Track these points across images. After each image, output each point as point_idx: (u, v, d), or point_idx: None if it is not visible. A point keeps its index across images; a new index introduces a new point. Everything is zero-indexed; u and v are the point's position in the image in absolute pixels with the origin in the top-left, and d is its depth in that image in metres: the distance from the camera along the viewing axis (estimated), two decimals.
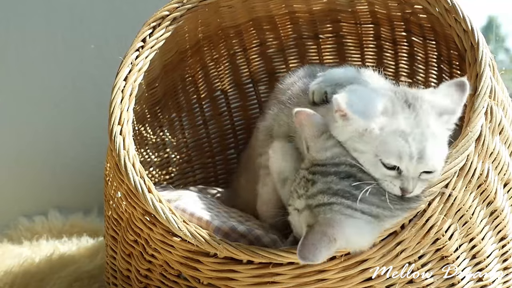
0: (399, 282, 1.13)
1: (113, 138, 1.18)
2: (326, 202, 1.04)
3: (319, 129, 1.10)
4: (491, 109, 1.14)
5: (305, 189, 1.08)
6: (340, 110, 1.06)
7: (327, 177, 1.06)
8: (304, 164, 1.12)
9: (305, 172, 1.10)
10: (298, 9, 1.64)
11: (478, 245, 1.17)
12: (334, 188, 1.05)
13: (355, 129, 1.07)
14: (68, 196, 2.04)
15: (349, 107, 1.05)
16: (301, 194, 1.09)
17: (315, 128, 1.10)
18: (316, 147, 1.10)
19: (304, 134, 1.12)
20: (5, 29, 1.98)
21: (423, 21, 1.53)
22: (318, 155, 1.09)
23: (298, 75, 1.43)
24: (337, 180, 1.05)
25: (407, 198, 1.06)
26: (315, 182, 1.07)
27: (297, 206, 1.10)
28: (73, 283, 1.52)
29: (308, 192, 1.07)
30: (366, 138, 1.06)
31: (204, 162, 1.82)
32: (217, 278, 1.15)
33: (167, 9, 1.31)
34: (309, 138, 1.11)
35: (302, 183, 1.09)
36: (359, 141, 1.07)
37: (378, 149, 1.05)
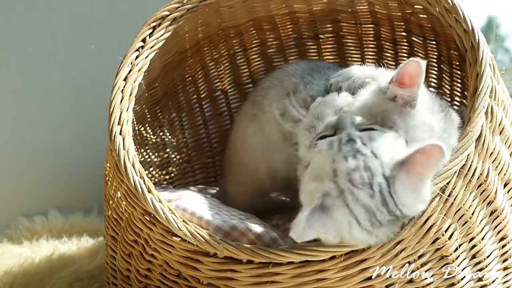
0: (398, 281, 1.12)
1: (112, 138, 1.18)
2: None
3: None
4: (492, 109, 1.14)
5: (359, 185, 1.04)
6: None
7: (382, 207, 1.04)
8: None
9: (377, 173, 1.05)
10: (298, 9, 1.65)
11: (478, 245, 1.17)
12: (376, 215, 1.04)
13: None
14: (68, 196, 2.04)
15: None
16: (351, 180, 1.04)
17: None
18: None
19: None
20: (5, 29, 1.98)
21: (423, 21, 1.53)
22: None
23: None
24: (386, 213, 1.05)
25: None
26: (372, 197, 1.04)
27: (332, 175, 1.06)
28: (73, 283, 1.52)
29: (356, 192, 1.04)
30: (402, 115, 1.14)
31: (204, 162, 1.82)
32: (217, 278, 1.15)
33: (167, 9, 1.31)
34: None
35: (363, 178, 1.04)
36: (398, 115, 1.14)
37: (408, 129, 1.13)
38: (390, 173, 1.04)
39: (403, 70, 1.12)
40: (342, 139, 1.08)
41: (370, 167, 1.04)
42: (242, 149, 1.54)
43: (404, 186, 1.03)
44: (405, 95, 1.14)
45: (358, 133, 1.09)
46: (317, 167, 1.09)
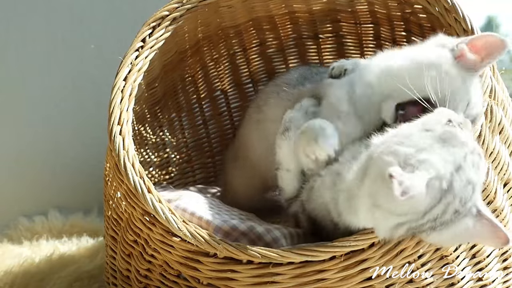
0: (398, 281, 1.12)
1: (112, 138, 1.18)
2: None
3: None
4: (491, 109, 1.14)
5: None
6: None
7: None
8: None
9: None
10: (298, 9, 1.65)
11: (477, 245, 1.17)
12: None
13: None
14: (68, 196, 2.04)
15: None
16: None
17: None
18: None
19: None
20: (5, 29, 1.98)
21: (423, 20, 1.53)
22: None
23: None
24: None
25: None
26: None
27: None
28: (73, 283, 1.52)
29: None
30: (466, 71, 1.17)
31: (204, 162, 1.82)
32: (217, 278, 1.15)
33: (166, 9, 1.31)
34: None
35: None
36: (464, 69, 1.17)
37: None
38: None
39: (487, 41, 1.15)
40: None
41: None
42: (248, 147, 1.54)
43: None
44: (472, 60, 1.16)
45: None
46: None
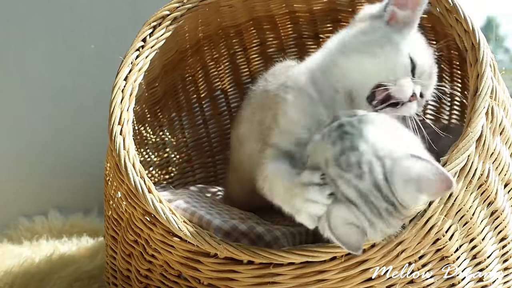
0: (399, 282, 1.12)
1: (113, 138, 1.18)
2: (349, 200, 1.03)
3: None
4: (492, 110, 1.13)
5: (347, 168, 1.02)
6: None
7: (375, 190, 1.02)
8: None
9: (367, 153, 1.03)
10: (299, 9, 1.64)
11: (478, 246, 1.17)
12: (369, 199, 1.02)
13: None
14: (68, 196, 2.04)
15: None
16: (339, 164, 1.03)
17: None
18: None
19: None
20: (5, 29, 1.98)
21: (423, 21, 1.52)
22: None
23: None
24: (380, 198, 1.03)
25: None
26: (361, 178, 1.02)
27: (325, 166, 1.05)
28: (73, 283, 1.52)
29: (347, 175, 1.02)
30: (403, 34, 1.21)
31: (204, 161, 1.82)
32: (218, 279, 1.15)
33: (167, 8, 1.31)
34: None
35: (351, 158, 1.01)
36: (398, 34, 1.21)
37: (411, 45, 1.20)
38: (384, 154, 1.01)
39: None
40: (333, 127, 1.06)
41: (358, 146, 1.02)
42: (240, 150, 1.54)
43: (405, 175, 1.00)
44: (405, 15, 1.21)
45: (348, 118, 1.06)
46: (313, 161, 1.07)
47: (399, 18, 1.22)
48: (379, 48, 1.19)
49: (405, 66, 1.18)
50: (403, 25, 1.22)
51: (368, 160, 1.01)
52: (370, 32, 1.22)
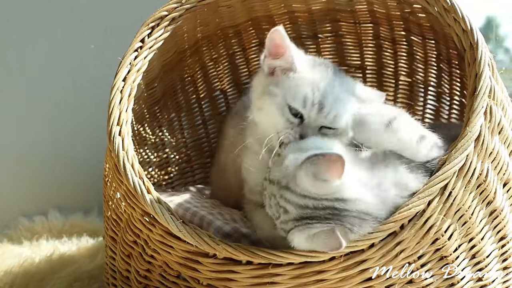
0: (398, 282, 1.12)
1: (112, 138, 1.18)
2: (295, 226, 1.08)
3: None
4: (491, 109, 1.13)
5: (278, 215, 1.10)
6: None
7: (302, 210, 1.07)
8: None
9: (275, 192, 1.11)
10: (297, 9, 1.64)
11: (477, 245, 1.17)
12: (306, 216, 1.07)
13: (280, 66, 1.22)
14: (68, 196, 2.04)
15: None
16: (276, 217, 1.12)
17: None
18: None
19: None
20: (5, 29, 1.98)
21: (422, 20, 1.52)
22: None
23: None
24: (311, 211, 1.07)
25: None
26: (287, 212, 1.08)
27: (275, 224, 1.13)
28: (73, 283, 1.52)
29: (281, 219, 1.10)
30: (281, 82, 1.21)
31: (204, 162, 1.82)
32: (217, 279, 1.15)
33: (165, 9, 1.31)
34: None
35: (273, 206, 1.11)
36: (275, 86, 1.21)
37: (288, 92, 1.20)
38: (287, 182, 1.08)
39: (269, 43, 1.22)
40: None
41: (271, 193, 1.11)
42: (225, 157, 1.54)
43: (305, 177, 1.06)
44: (282, 64, 1.23)
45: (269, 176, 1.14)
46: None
47: (278, 67, 1.24)
48: (262, 104, 1.24)
49: (286, 117, 1.20)
50: (286, 72, 1.23)
51: (279, 196, 1.09)
52: (256, 88, 1.28)
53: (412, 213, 1.08)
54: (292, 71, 1.22)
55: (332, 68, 1.27)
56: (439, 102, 1.73)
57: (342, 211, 1.06)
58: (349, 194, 1.07)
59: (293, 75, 1.22)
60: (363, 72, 1.76)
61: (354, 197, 1.07)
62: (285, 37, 1.21)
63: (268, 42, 1.23)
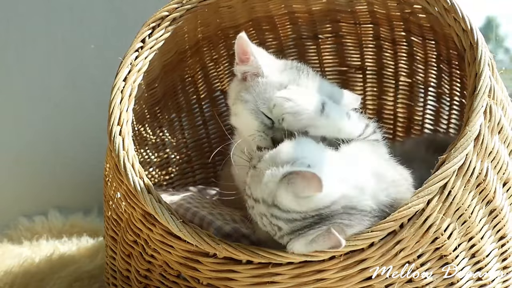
0: (398, 281, 1.13)
1: (112, 138, 1.18)
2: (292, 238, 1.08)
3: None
4: (490, 108, 1.13)
5: (274, 232, 1.10)
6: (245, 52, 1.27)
7: (292, 223, 1.07)
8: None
9: (264, 211, 1.10)
10: (298, 10, 1.64)
11: (477, 244, 1.17)
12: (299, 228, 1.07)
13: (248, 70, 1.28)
14: (68, 196, 2.04)
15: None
16: (272, 234, 1.11)
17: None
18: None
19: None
20: (5, 29, 1.98)
21: (422, 20, 1.53)
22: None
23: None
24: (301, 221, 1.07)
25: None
26: (281, 228, 1.08)
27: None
28: (73, 283, 1.52)
29: (277, 235, 1.10)
30: (251, 88, 1.26)
31: (204, 162, 1.82)
32: (217, 278, 1.15)
33: (166, 9, 1.31)
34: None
35: (267, 225, 1.10)
36: (246, 91, 1.26)
37: (258, 97, 1.25)
38: (272, 199, 1.07)
39: (236, 49, 1.28)
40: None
41: (261, 212, 1.10)
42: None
43: (289, 201, 1.06)
44: (250, 69, 1.28)
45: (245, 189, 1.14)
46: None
47: (248, 71, 1.29)
48: (236, 109, 1.29)
49: (260, 120, 1.24)
50: (254, 77, 1.29)
51: (270, 215, 1.09)
52: (231, 94, 1.35)
53: (411, 212, 1.08)
54: (260, 75, 1.28)
55: (305, 71, 1.32)
56: (439, 103, 1.73)
57: (330, 213, 1.06)
58: (331, 198, 1.07)
59: (261, 79, 1.28)
60: (363, 73, 1.77)
61: (336, 198, 1.07)
62: (248, 44, 1.27)
63: (236, 49, 1.29)
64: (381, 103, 1.81)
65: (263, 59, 1.30)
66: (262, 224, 1.10)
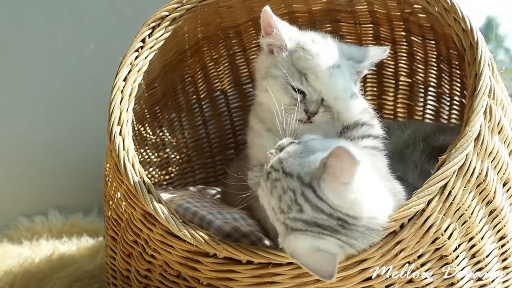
0: (398, 281, 1.13)
1: (112, 138, 1.18)
2: (303, 229, 1.05)
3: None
4: (490, 109, 1.14)
5: (287, 210, 1.05)
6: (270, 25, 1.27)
7: (318, 213, 1.04)
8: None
9: (295, 187, 1.06)
10: (298, 9, 1.64)
11: (477, 245, 1.17)
12: (319, 222, 1.04)
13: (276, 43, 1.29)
14: (68, 196, 2.04)
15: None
16: (282, 210, 1.06)
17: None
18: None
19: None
20: (5, 29, 1.98)
21: (422, 20, 1.53)
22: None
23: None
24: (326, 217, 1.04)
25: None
26: (303, 211, 1.04)
27: (274, 214, 1.08)
28: (73, 283, 1.52)
29: (291, 215, 1.05)
30: (280, 63, 1.27)
31: (204, 162, 1.82)
32: (217, 279, 1.15)
33: (166, 9, 1.31)
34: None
35: (287, 200, 1.05)
36: (275, 67, 1.27)
37: (288, 72, 1.25)
38: (310, 180, 1.04)
39: (262, 22, 1.29)
40: (264, 177, 1.10)
41: (289, 187, 1.05)
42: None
43: (329, 188, 1.02)
44: (274, 41, 1.29)
45: (270, 164, 1.10)
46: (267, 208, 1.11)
47: (274, 43, 1.30)
48: (266, 85, 1.29)
49: (290, 95, 1.26)
50: (281, 50, 1.30)
51: (300, 193, 1.04)
52: (259, 69, 1.35)
53: (412, 212, 1.08)
54: (284, 49, 1.29)
55: (329, 39, 1.34)
56: (439, 103, 1.73)
57: (351, 225, 1.04)
58: (362, 213, 1.04)
59: (287, 53, 1.28)
60: None
61: (366, 216, 1.04)
62: (272, 17, 1.27)
63: (261, 22, 1.30)
64: (381, 103, 1.81)
65: (287, 31, 1.30)
66: (278, 196, 1.05)
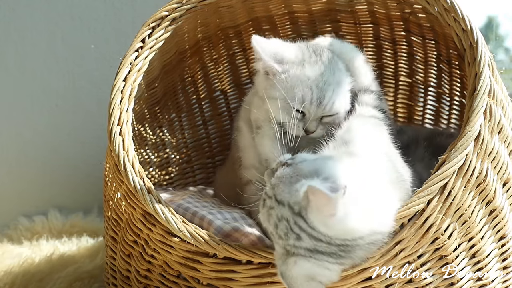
0: (398, 281, 1.13)
1: (112, 138, 1.18)
2: (306, 256, 1.03)
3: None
4: (490, 109, 1.14)
5: (285, 237, 1.03)
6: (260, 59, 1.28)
7: (316, 241, 1.02)
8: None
9: (287, 216, 1.03)
10: (298, 9, 1.64)
11: (477, 245, 1.17)
12: (321, 250, 1.03)
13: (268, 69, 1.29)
14: (68, 196, 2.04)
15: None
16: (280, 236, 1.04)
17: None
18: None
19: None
20: (5, 29, 1.98)
21: (422, 20, 1.53)
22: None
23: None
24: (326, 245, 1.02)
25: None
26: (301, 239, 1.02)
27: (274, 239, 1.06)
28: (73, 283, 1.52)
29: (290, 242, 1.03)
30: (278, 84, 1.27)
31: (204, 162, 1.82)
32: (217, 279, 1.15)
33: (166, 9, 1.31)
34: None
35: (283, 228, 1.03)
36: (273, 88, 1.28)
37: (286, 94, 1.26)
38: (299, 209, 1.01)
39: (255, 47, 1.28)
40: (261, 203, 1.08)
41: (282, 215, 1.03)
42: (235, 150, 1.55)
43: (317, 220, 1.00)
44: (266, 67, 1.29)
45: (265, 191, 1.08)
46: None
47: (269, 69, 1.30)
48: (266, 104, 1.30)
49: (291, 115, 1.26)
50: (274, 75, 1.29)
51: (293, 222, 1.02)
52: (258, 88, 1.35)
53: (411, 212, 1.08)
54: (277, 74, 1.29)
55: (325, 54, 1.33)
56: (439, 103, 1.73)
57: (354, 247, 1.03)
58: (361, 233, 1.02)
59: (284, 76, 1.29)
60: None
61: (367, 233, 1.03)
62: (257, 48, 1.27)
63: (255, 48, 1.29)
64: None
65: (277, 55, 1.29)
66: (275, 224, 1.04)
